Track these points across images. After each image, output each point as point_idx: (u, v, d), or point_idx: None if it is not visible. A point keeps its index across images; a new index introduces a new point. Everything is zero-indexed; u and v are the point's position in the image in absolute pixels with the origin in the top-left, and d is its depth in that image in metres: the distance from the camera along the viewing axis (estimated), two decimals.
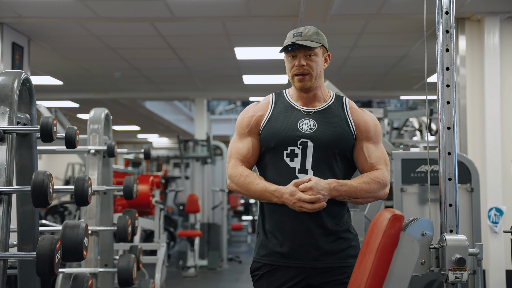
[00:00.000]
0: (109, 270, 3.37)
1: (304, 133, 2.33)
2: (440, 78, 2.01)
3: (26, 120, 2.30)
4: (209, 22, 5.85)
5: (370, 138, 2.38)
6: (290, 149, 2.33)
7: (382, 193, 2.33)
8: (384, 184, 2.32)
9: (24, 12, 5.42)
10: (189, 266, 8.26)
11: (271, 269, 2.35)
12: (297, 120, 2.37)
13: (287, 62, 2.39)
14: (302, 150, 2.32)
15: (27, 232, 2.33)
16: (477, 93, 5.37)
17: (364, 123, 2.38)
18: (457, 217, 1.99)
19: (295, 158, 2.33)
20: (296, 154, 2.32)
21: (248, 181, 2.36)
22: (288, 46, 2.34)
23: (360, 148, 2.37)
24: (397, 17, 5.72)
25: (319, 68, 2.37)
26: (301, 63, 2.33)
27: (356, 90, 10.19)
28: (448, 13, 2.01)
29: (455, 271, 1.90)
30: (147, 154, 3.64)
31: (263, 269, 2.38)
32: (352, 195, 2.29)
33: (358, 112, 2.41)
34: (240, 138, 2.45)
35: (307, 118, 2.37)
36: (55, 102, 10.74)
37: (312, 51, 2.35)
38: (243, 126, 2.45)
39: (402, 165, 3.85)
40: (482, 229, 4.28)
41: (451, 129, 1.99)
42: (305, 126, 2.35)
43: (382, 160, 2.37)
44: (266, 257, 2.37)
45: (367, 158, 2.36)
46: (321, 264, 2.31)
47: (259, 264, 2.39)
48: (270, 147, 2.37)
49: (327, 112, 2.39)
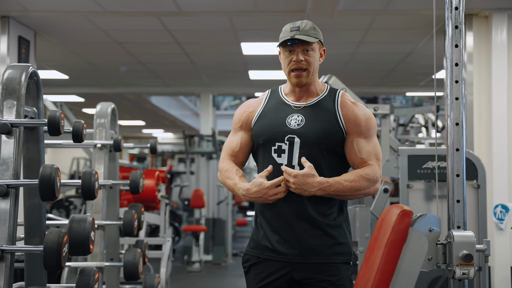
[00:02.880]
0: (115, 264, 3.38)
1: (291, 129, 2.33)
2: (449, 74, 2.00)
3: (34, 114, 2.29)
4: (216, 17, 5.83)
5: (360, 132, 2.34)
6: (278, 145, 2.34)
7: (372, 189, 2.31)
8: (375, 181, 2.30)
9: (30, 6, 5.40)
10: (194, 261, 8.28)
11: (257, 261, 2.38)
12: (286, 115, 2.37)
13: (284, 57, 2.37)
14: (289, 146, 2.32)
15: (34, 225, 2.32)
16: (484, 90, 5.34)
17: (354, 117, 2.35)
18: (465, 214, 1.99)
19: (282, 154, 2.33)
20: (283, 150, 2.33)
21: (226, 176, 2.41)
22: (287, 40, 2.32)
23: (350, 143, 2.34)
24: (405, 13, 5.68)
25: (316, 63, 2.37)
26: (299, 58, 2.32)
27: (362, 86, 10.16)
28: (457, 8, 2.01)
29: (462, 267, 1.91)
30: (153, 148, 3.64)
31: (251, 260, 2.41)
32: (341, 194, 2.27)
33: (348, 106, 2.37)
34: (233, 133, 2.50)
35: (296, 113, 2.37)
36: (60, 96, 10.73)
37: (310, 46, 2.34)
38: (236, 121, 2.50)
39: (408, 161, 3.82)
40: (488, 226, 4.25)
41: (460, 125, 1.99)
42: (293, 121, 2.35)
43: (373, 155, 2.33)
44: (253, 250, 2.40)
45: (357, 153, 2.33)
46: (305, 259, 2.30)
47: (248, 256, 2.43)
48: (260, 143, 2.40)
49: (317, 107, 2.37)
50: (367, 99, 15.58)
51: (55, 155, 16.11)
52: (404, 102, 18.38)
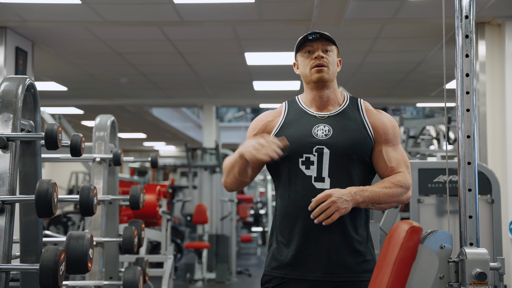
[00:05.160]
0: (114, 283, 3.32)
1: (319, 140, 2.28)
2: (460, 84, 1.99)
3: (30, 127, 2.28)
4: (219, 26, 5.85)
5: (389, 140, 2.32)
6: (306, 157, 2.28)
7: (405, 197, 2.27)
8: (407, 188, 2.27)
9: (28, 16, 5.42)
10: (196, 279, 8.24)
11: (282, 282, 2.30)
12: (312, 126, 2.32)
13: (303, 59, 2.36)
14: (318, 157, 2.27)
15: (30, 243, 2.30)
16: (498, 100, 5.31)
17: (382, 125, 2.33)
18: (478, 230, 1.96)
19: (311, 166, 2.27)
20: (312, 161, 2.27)
21: (226, 161, 2.37)
22: (308, 35, 2.32)
23: (379, 152, 2.31)
24: (414, 21, 5.69)
25: (334, 66, 2.36)
26: (321, 54, 2.31)
27: (370, 97, 10.20)
28: (468, 17, 1.99)
29: (476, 286, 1.86)
30: (154, 162, 3.61)
31: (273, 281, 2.32)
32: (375, 201, 2.23)
33: (375, 114, 2.37)
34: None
35: (322, 123, 2.32)
36: (59, 108, 10.78)
37: (330, 46, 2.34)
38: (251, 130, 2.45)
39: (419, 175, 3.79)
40: (503, 242, 4.17)
41: (471, 138, 1.97)
42: (320, 132, 2.30)
43: (403, 162, 2.31)
44: (277, 270, 2.32)
45: (387, 162, 2.30)
46: (334, 277, 2.25)
47: (269, 277, 2.34)
48: (284, 155, 2.28)
49: (342, 116, 2.34)
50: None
51: (53, 169, 16.06)
52: (414, 113, 18.40)
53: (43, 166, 2.85)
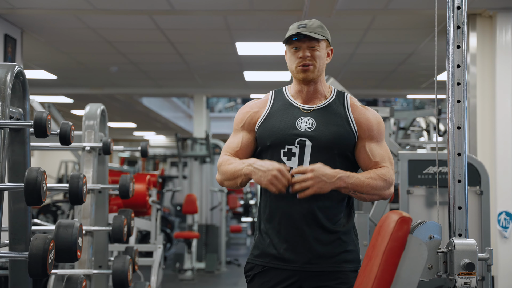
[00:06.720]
0: (104, 272, 3.34)
1: (302, 132, 2.30)
2: (451, 76, 1.99)
3: (19, 115, 2.28)
4: (210, 15, 5.80)
5: (373, 136, 2.34)
6: (288, 148, 2.30)
7: (387, 192, 2.28)
8: (390, 183, 2.28)
9: (17, 3, 5.35)
10: (186, 269, 8.22)
11: (263, 270, 2.34)
12: (296, 118, 2.34)
13: (290, 54, 2.36)
14: (300, 149, 2.29)
15: (19, 231, 2.29)
16: (488, 92, 5.30)
17: (367, 121, 2.34)
18: (467, 221, 1.98)
19: (292, 157, 2.29)
20: (293, 153, 2.29)
21: (228, 163, 2.34)
22: (292, 36, 2.30)
23: (363, 147, 2.33)
24: (406, 13, 5.66)
25: (322, 61, 2.35)
26: (306, 54, 2.30)
27: (361, 88, 10.20)
28: (459, 8, 2.00)
29: (464, 276, 1.88)
30: (144, 151, 3.60)
31: (255, 269, 2.37)
32: (358, 189, 2.23)
33: (360, 110, 2.37)
34: (234, 134, 2.46)
35: (306, 116, 2.34)
36: (48, 97, 10.70)
37: (316, 43, 2.32)
38: (237, 122, 2.45)
39: (408, 166, 3.81)
40: (491, 234, 4.21)
41: (461, 129, 1.99)
42: (304, 124, 2.32)
43: (387, 158, 2.33)
44: (258, 258, 2.36)
45: (371, 156, 2.32)
46: (314, 267, 2.29)
47: (251, 264, 2.39)
48: (267, 145, 2.34)
49: (327, 110, 2.35)
50: (367, 101, 15.60)
51: (42, 158, 15.98)
52: (405, 105, 18.44)
53: (32, 155, 2.84)
